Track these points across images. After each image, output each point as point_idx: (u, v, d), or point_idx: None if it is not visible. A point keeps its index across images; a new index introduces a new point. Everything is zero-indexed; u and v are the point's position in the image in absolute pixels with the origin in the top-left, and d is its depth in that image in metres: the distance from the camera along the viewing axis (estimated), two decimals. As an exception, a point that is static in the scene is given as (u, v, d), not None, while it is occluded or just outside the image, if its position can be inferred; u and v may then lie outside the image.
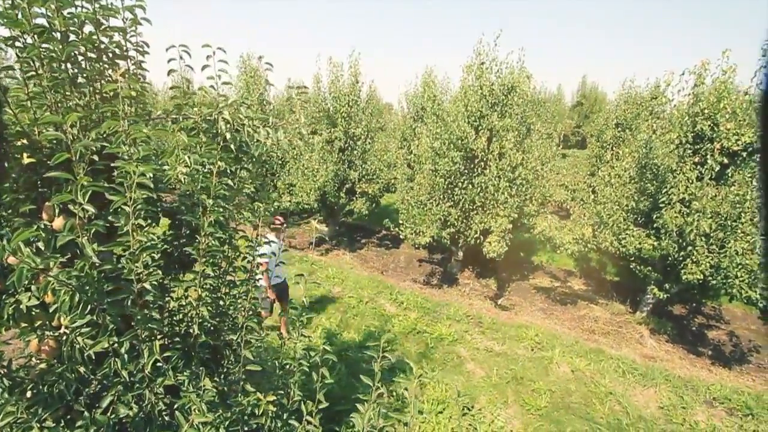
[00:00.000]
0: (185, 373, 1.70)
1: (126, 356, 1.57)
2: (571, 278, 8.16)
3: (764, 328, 6.32)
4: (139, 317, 1.49)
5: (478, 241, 6.38)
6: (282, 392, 2.20)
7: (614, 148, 9.83)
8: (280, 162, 8.77)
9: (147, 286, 1.46)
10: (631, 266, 5.90)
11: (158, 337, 2.15)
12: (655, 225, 5.35)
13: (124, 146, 1.37)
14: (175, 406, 1.65)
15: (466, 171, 6.35)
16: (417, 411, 1.62)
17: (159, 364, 1.67)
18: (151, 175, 1.45)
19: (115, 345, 1.52)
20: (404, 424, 1.64)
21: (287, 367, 2.27)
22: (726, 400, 4.44)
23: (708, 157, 4.77)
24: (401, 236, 6.93)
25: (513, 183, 6.25)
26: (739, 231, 4.46)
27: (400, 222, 6.91)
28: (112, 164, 1.43)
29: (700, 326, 6.45)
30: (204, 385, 1.60)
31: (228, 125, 1.81)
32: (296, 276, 2.15)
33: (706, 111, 5.02)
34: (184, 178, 1.64)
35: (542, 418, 4.07)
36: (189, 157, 1.55)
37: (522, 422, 4.00)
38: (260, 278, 4.55)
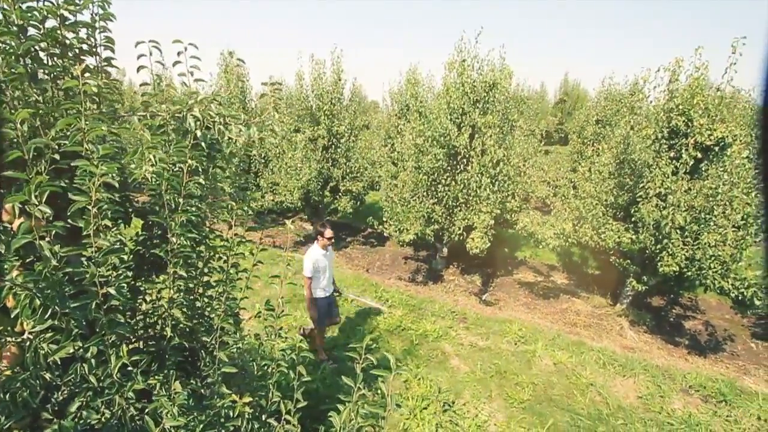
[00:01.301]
0: (157, 377, 1.67)
1: (93, 361, 1.53)
2: (554, 273, 8.28)
3: (737, 317, 6.53)
4: (104, 321, 1.44)
5: (461, 237, 6.42)
6: (262, 393, 2.18)
7: (594, 144, 10.01)
8: (263, 161, 8.66)
9: (111, 290, 1.41)
10: (611, 260, 6.02)
11: (132, 340, 2.11)
12: (633, 219, 5.47)
13: (82, 145, 1.32)
14: (146, 411, 1.61)
15: (449, 168, 6.38)
16: (395, 406, 1.61)
17: (129, 368, 1.63)
18: (115, 175, 1.41)
19: (81, 350, 1.47)
20: (381, 418, 1.63)
21: (266, 367, 2.24)
22: (701, 387, 4.57)
23: (683, 151, 4.89)
24: (385, 234, 6.93)
25: (495, 179, 6.30)
26: (712, 224, 4.59)
27: (384, 219, 6.90)
28: (72, 163, 1.38)
29: (678, 317, 6.63)
30: (175, 389, 1.56)
31: (198, 122, 1.77)
32: (272, 277, 2.13)
33: (680, 107, 5.14)
34: (152, 177, 1.60)
35: (525, 410, 4.13)
36: (154, 156, 1.51)
37: (505, 416, 4.05)
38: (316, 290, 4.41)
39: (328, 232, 4.34)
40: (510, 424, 3.94)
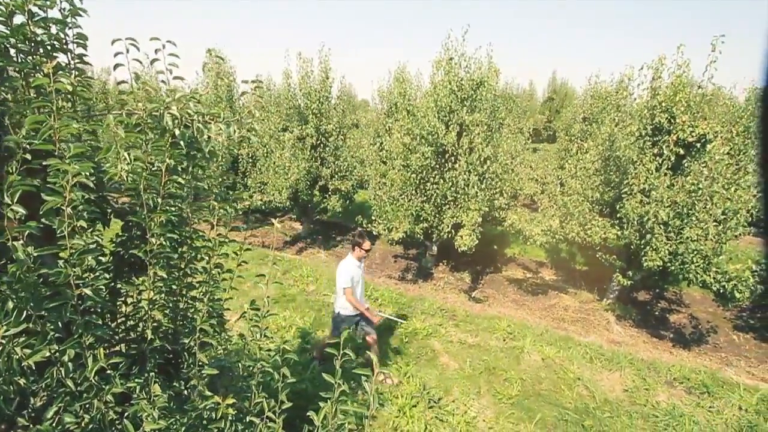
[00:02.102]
0: (136, 380, 1.64)
1: (70, 365, 1.50)
2: (542, 269, 8.37)
3: (720, 310, 6.67)
4: (80, 323, 1.41)
5: (450, 235, 6.45)
6: (248, 395, 2.16)
7: (581, 142, 10.13)
8: (250, 160, 8.59)
9: (87, 291, 1.38)
10: (598, 255, 6.10)
11: (113, 342, 2.08)
12: (618, 215, 5.55)
13: (54, 143, 1.29)
14: (126, 414, 1.58)
15: (437, 166, 6.40)
16: (377, 404, 1.61)
17: (108, 371, 1.61)
18: (89, 174, 1.38)
19: (57, 354, 1.44)
20: (363, 417, 1.62)
21: (251, 369, 2.22)
22: (685, 379, 4.66)
23: (665, 148, 4.97)
24: (375, 232, 6.92)
25: (483, 177, 6.34)
26: (693, 219, 4.68)
27: (373, 218, 6.90)
28: (44, 163, 1.35)
29: (663, 310, 6.75)
30: (154, 392, 1.54)
31: (176, 121, 1.74)
32: (257, 276, 2.11)
33: (663, 104, 5.22)
34: (128, 177, 1.57)
35: (513, 406, 4.16)
36: (129, 154, 1.48)
37: (494, 411, 4.08)
38: (346, 306, 4.08)
39: (367, 244, 4.00)
40: (499, 419, 3.97)
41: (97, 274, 1.77)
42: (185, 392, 2.03)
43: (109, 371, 1.59)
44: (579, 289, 7.21)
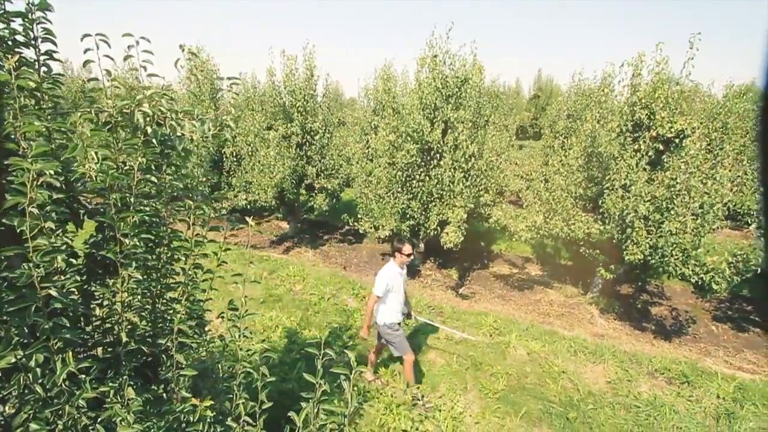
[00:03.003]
0: (110, 384, 1.60)
1: (39, 370, 1.45)
2: (528, 264, 8.46)
3: (699, 301, 6.83)
4: (46, 326, 1.37)
5: (436, 232, 6.47)
6: (229, 395, 2.13)
7: (566, 138, 10.26)
8: (235, 159, 8.48)
9: (53, 292, 1.34)
10: (581, 250, 6.19)
11: (89, 345, 2.02)
12: (600, 210, 5.63)
13: (14, 142, 1.25)
14: (99, 419, 1.55)
15: (422, 163, 6.41)
16: (356, 403, 1.60)
17: (82, 375, 1.57)
18: (54, 173, 1.34)
19: (23, 359, 1.40)
20: (343, 415, 1.61)
21: (231, 370, 2.20)
22: (666, 370, 4.76)
23: (641, 143, 5.06)
24: (361, 231, 6.91)
25: (468, 174, 6.37)
26: (672, 212, 4.78)
27: (359, 216, 6.88)
28: (6, 162, 1.30)
29: (645, 303, 6.88)
30: (128, 395, 1.51)
31: (148, 118, 1.70)
32: (234, 276, 2.08)
33: (643, 100, 5.31)
34: (97, 176, 1.52)
35: (499, 400, 4.20)
36: (97, 153, 1.44)
37: (480, 406, 4.11)
38: (389, 314, 3.87)
39: (407, 248, 3.84)
40: (485, 414, 4.00)
41: (68, 276, 1.73)
42: (164, 395, 2.00)
43: (82, 375, 1.56)
44: (564, 284, 7.30)
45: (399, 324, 3.94)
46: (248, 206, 8.21)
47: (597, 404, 4.20)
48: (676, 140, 5.19)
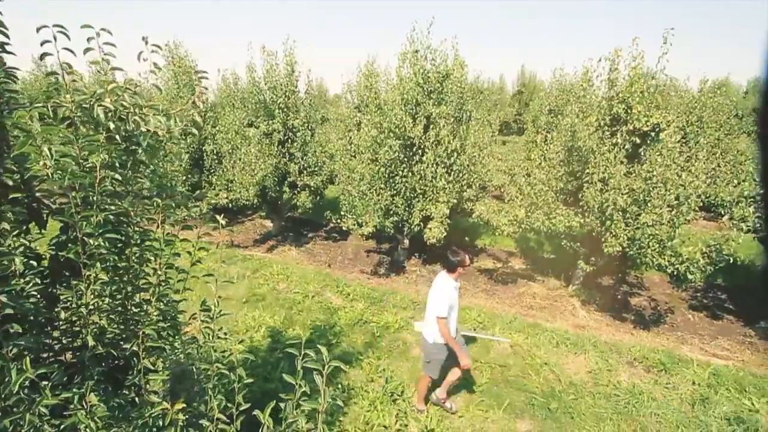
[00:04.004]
0: (74, 390, 1.54)
1: (-6, 379, 1.39)
2: (512, 258, 8.55)
3: (677, 291, 7.01)
4: (-2, 333, 1.31)
5: (419, 228, 6.48)
6: (205, 398, 2.08)
7: (548, 133, 10.38)
8: (215, 157, 8.33)
9: (2, 298, 1.28)
10: (563, 243, 6.28)
11: (55, 351, 1.95)
12: (581, 203, 5.71)
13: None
14: (62, 427, 1.49)
15: (405, 159, 6.39)
16: (329, 399, 1.57)
17: (44, 382, 1.50)
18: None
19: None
20: (315, 411, 1.58)
21: (207, 372, 2.14)
22: (644, 359, 4.87)
23: (619, 137, 5.14)
24: (344, 228, 6.87)
25: (450, 169, 6.38)
26: (649, 205, 4.88)
27: (342, 213, 6.84)
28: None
29: (625, 294, 7.03)
30: (90, 401, 1.45)
31: (109, 114, 1.64)
32: (206, 276, 2.02)
33: (620, 95, 5.40)
34: (53, 174, 1.46)
35: (483, 393, 4.24)
36: (50, 149, 1.38)
37: (464, 400, 4.14)
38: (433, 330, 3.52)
39: (467, 260, 3.54)
40: (469, 407, 4.03)
41: (27, 279, 1.65)
42: (137, 399, 1.94)
43: (44, 382, 1.50)
44: (547, 277, 7.41)
45: (447, 346, 3.55)
46: (230, 205, 8.08)
47: (578, 394, 4.27)
48: (653, 134, 5.29)
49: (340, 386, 4.19)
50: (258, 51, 7.86)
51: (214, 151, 8.45)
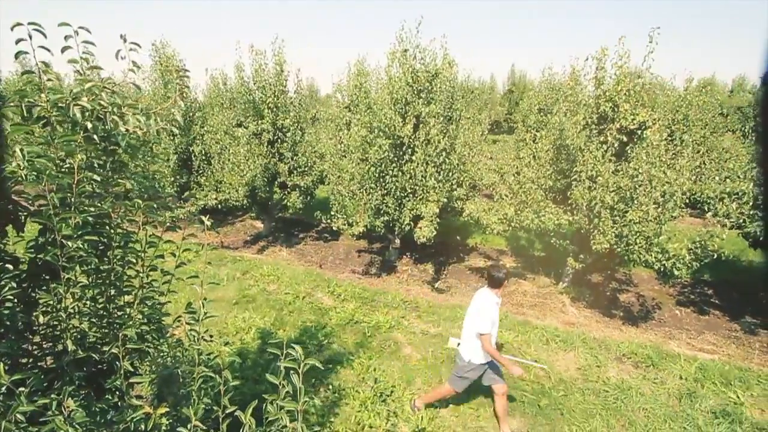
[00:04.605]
0: (52, 396, 1.51)
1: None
2: (503, 257, 8.59)
3: (665, 287, 7.11)
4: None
5: (410, 227, 6.48)
6: (190, 401, 2.05)
7: (537, 132, 10.45)
8: (204, 157, 8.24)
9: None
10: (552, 241, 6.32)
11: (36, 356, 1.91)
12: (570, 201, 5.76)
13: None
14: (40, 434, 1.45)
15: (395, 158, 6.39)
16: (306, 398, 1.56)
17: (21, 388, 1.47)
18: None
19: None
20: (294, 412, 1.57)
21: (193, 374, 2.11)
22: (633, 354, 4.93)
23: (607, 135, 5.19)
24: (334, 228, 6.84)
25: (440, 168, 6.39)
26: (636, 202, 4.93)
27: (332, 213, 6.81)
28: None
29: (613, 291, 7.10)
30: (67, 406, 1.42)
31: (87, 113, 1.60)
32: (190, 278, 2.00)
33: (607, 93, 5.45)
34: (27, 174, 1.42)
35: (474, 392, 4.23)
36: (22, 150, 1.34)
37: (455, 398, 4.14)
38: (479, 352, 3.46)
39: (509, 274, 3.49)
40: (459, 406, 4.04)
41: (2, 283, 1.62)
42: (119, 404, 1.91)
43: (21, 388, 1.46)
44: (537, 275, 7.46)
45: (485, 364, 3.51)
46: (219, 206, 8.01)
47: (567, 390, 4.30)
48: (639, 132, 5.35)
49: (331, 387, 4.17)
50: (246, 50, 7.81)
51: (203, 152, 8.37)
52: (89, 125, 1.61)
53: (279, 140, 8.05)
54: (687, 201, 5.04)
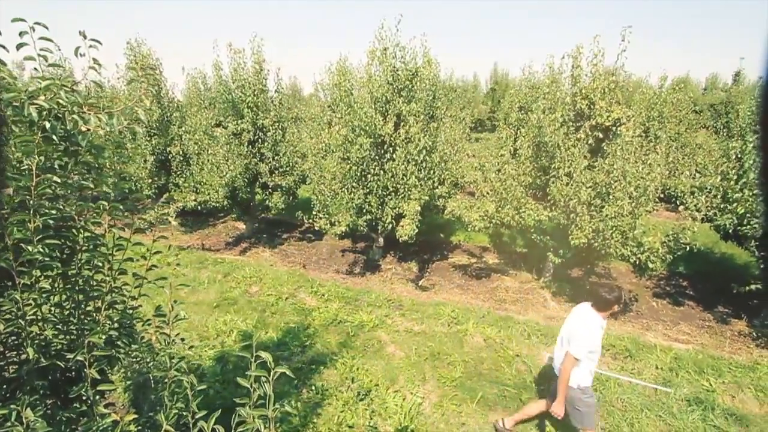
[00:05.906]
0: (10, 407, 1.45)
1: None
2: (486, 253, 8.68)
3: (642, 280, 7.29)
4: None
5: (392, 225, 6.48)
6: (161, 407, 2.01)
7: (518, 130, 10.58)
8: (182, 158, 8.08)
9: None
10: (533, 237, 6.41)
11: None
12: (549, 198, 5.85)
13: None
14: (-2, 446, 1.40)
15: (376, 157, 6.38)
16: (275, 405, 1.55)
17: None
18: None
19: None
20: (266, 419, 1.55)
21: (163, 379, 2.07)
22: (611, 346, 5.03)
23: (583, 132, 5.29)
24: (316, 227, 6.80)
25: (422, 166, 6.41)
26: (612, 197, 5.04)
27: (314, 213, 6.77)
28: None
29: (593, 285, 7.23)
30: (26, 417, 1.37)
31: (44, 113, 1.55)
32: (159, 280, 1.95)
33: (583, 91, 5.55)
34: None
35: (457, 388, 4.28)
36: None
37: (438, 395, 4.17)
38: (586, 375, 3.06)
39: (623, 296, 3.00)
40: (443, 402, 4.06)
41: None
42: (89, 412, 1.85)
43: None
44: (519, 271, 7.56)
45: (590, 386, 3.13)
46: (199, 207, 7.87)
47: (549, 384, 4.36)
48: (614, 128, 5.47)
49: (314, 387, 4.15)
50: (225, 49, 7.69)
51: (181, 153, 8.20)
52: (47, 125, 1.55)
53: (259, 140, 7.95)
54: (662, 195, 5.18)
